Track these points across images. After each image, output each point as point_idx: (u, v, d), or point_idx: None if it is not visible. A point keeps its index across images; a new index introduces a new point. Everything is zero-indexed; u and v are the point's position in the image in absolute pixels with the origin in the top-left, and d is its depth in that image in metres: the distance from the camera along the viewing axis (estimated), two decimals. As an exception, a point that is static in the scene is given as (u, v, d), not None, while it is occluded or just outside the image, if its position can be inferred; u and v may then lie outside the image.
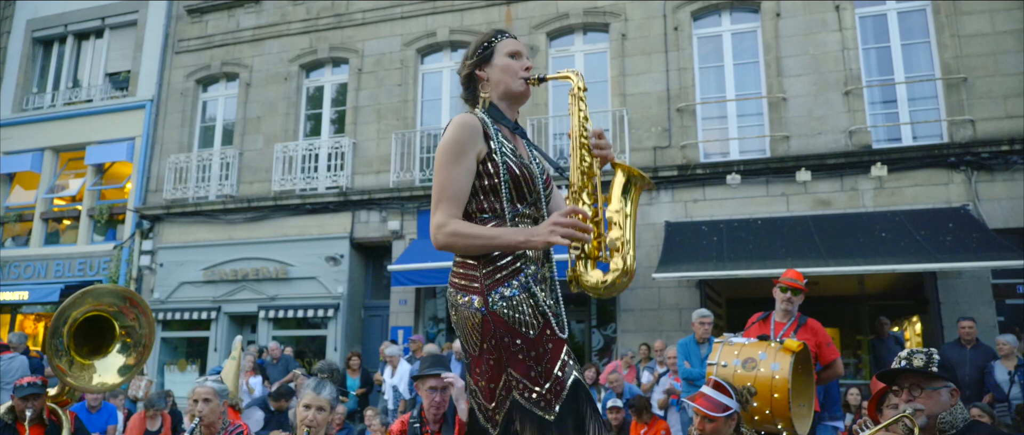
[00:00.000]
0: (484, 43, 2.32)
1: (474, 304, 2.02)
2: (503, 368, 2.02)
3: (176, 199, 13.44)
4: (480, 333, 2.02)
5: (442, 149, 2.09)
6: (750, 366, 3.72)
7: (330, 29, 13.39)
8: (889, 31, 10.61)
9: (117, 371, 3.64)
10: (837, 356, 4.72)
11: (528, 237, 1.99)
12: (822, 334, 4.71)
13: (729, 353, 3.85)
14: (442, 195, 2.05)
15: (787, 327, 4.68)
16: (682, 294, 10.23)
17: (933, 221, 9.22)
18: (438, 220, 2.03)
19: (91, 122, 14.70)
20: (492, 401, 2.05)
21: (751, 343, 3.91)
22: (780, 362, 3.66)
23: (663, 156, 10.92)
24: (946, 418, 2.69)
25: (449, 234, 2.02)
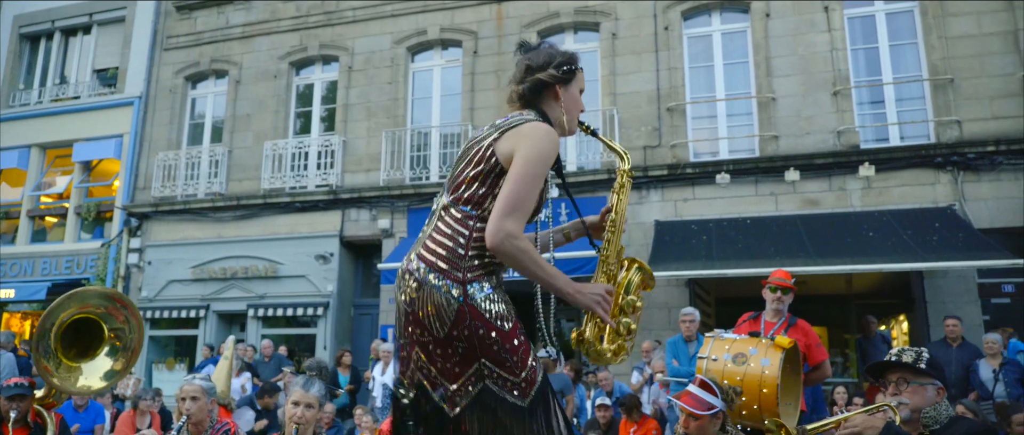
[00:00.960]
0: (572, 63, 2.29)
1: (453, 292, 2.03)
2: (475, 358, 2.04)
3: (164, 197, 13.36)
4: (452, 321, 2.03)
5: (537, 156, 2.05)
6: (740, 361, 3.76)
7: (320, 26, 13.35)
8: (877, 32, 10.69)
9: (102, 375, 3.60)
10: (826, 357, 4.77)
11: (575, 292, 2.12)
12: (812, 335, 4.76)
13: (720, 347, 3.90)
14: (521, 205, 2.03)
15: (777, 326, 4.72)
16: (672, 293, 10.28)
17: (920, 221, 9.30)
18: (511, 228, 2.00)
19: (78, 119, 14.59)
20: (455, 383, 2.07)
21: (742, 339, 3.96)
22: (770, 358, 3.70)
23: (653, 155, 10.95)
24: (930, 413, 2.76)
25: (518, 249, 2.02)
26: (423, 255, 2.11)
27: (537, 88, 2.26)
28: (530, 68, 2.28)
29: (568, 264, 9.68)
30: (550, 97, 2.27)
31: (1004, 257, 8.28)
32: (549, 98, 2.28)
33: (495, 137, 2.12)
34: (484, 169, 2.11)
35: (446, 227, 2.13)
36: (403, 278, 2.12)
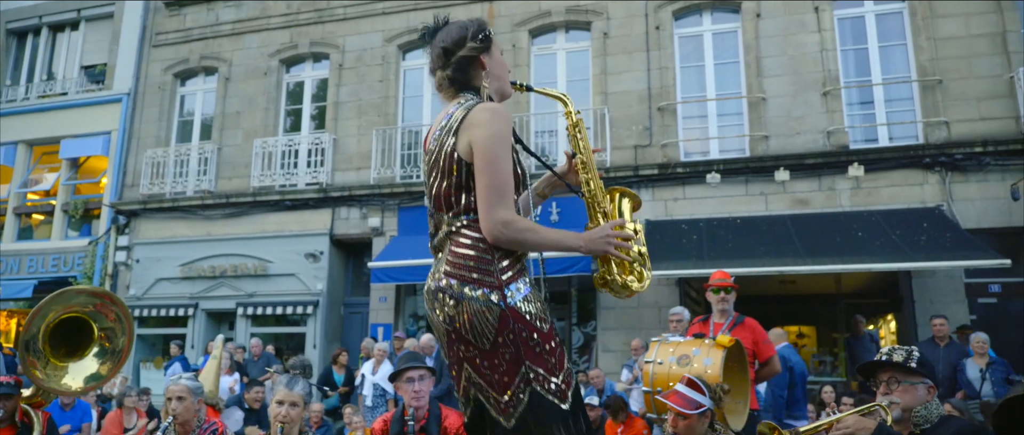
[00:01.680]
0: (484, 30, 2.27)
1: (492, 298, 2.00)
2: (520, 362, 2.01)
3: (153, 194, 13.27)
4: (496, 327, 2.00)
5: (494, 139, 2.04)
6: (684, 362, 3.84)
7: (311, 24, 13.29)
8: (867, 33, 10.74)
9: (85, 378, 3.55)
10: (773, 354, 4.85)
11: (587, 243, 2.11)
12: (759, 332, 4.85)
13: (665, 351, 3.98)
14: (503, 190, 2.03)
15: (725, 326, 4.82)
16: (662, 292, 10.30)
17: (908, 221, 9.36)
18: (504, 216, 2.00)
19: (66, 115, 14.47)
20: (505, 393, 2.03)
21: (686, 341, 4.05)
22: (712, 357, 3.79)
23: (644, 155, 10.97)
24: (921, 412, 2.77)
25: (520, 230, 2.02)
26: (451, 272, 2.07)
27: (463, 66, 2.24)
28: (447, 50, 2.25)
29: (561, 262, 9.70)
30: (478, 69, 2.25)
31: (991, 257, 8.34)
32: (477, 71, 2.25)
33: (453, 142, 2.10)
34: (459, 176, 2.10)
35: (464, 239, 2.10)
36: (436, 298, 2.08)
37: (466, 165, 2.08)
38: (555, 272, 9.97)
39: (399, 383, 3.84)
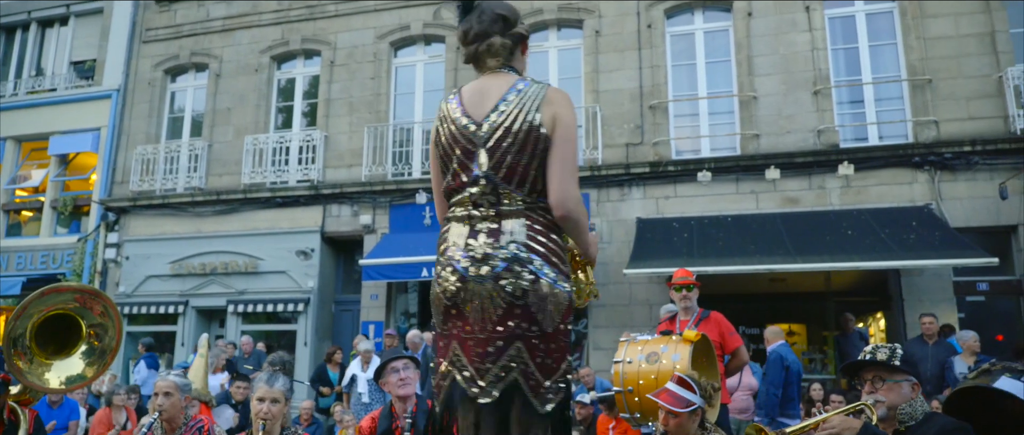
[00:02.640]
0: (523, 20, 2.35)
1: (565, 286, 2.11)
2: (568, 352, 2.13)
3: (143, 191, 13.20)
4: (562, 314, 2.10)
5: (573, 124, 2.17)
6: (653, 360, 3.87)
7: (302, 20, 13.23)
8: (857, 32, 10.79)
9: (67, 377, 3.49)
10: (740, 344, 4.99)
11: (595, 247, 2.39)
12: (725, 325, 5.00)
13: (633, 350, 4.01)
14: (576, 168, 2.16)
15: (691, 322, 4.97)
16: (653, 290, 10.32)
17: (897, 219, 9.41)
18: (578, 193, 2.14)
19: (55, 112, 14.37)
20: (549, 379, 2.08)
21: (654, 339, 4.09)
22: (680, 353, 3.83)
23: (635, 153, 10.99)
24: (906, 410, 2.79)
25: (583, 213, 2.18)
26: (534, 247, 2.09)
27: (516, 41, 2.28)
28: (507, 20, 2.26)
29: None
30: (521, 51, 2.30)
31: (979, 255, 8.40)
32: (520, 52, 2.30)
33: (538, 117, 2.13)
34: (536, 151, 2.12)
35: (543, 220, 2.14)
36: (512, 269, 2.06)
37: (546, 139, 2.12)
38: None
39: (385, 378, 3.83)
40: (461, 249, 2.13)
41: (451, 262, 2.14)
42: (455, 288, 2.12)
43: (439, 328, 2.21)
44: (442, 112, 2.27)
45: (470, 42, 2.27)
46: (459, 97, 2.26)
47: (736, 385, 6.61)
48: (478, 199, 2.15)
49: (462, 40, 2.30)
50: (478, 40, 2.25)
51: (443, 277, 2.16)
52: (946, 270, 9.43)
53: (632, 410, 3.91)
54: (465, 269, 2.11)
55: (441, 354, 2.20)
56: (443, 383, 2.16)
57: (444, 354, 2.17)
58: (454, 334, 2.15)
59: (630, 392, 3.87)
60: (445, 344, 2.17)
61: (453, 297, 2.13)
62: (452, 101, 2.26)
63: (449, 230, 2.20)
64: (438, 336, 2.22)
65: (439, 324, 2.21)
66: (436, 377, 2.21)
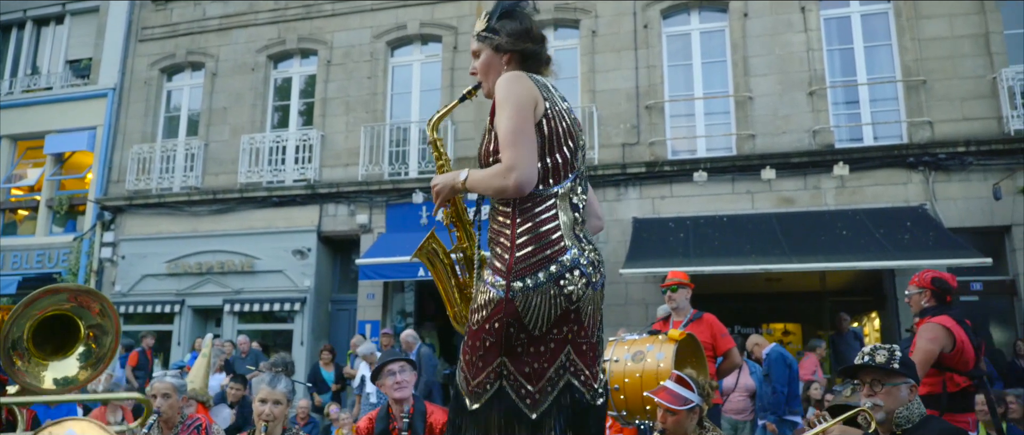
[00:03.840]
0: None
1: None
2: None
3: (139, 190, 13.18)
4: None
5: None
6: (638, 359, 3.93)
7: (299, 20, 13.23)
8: (853, 33, 10.83)
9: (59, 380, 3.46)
10: (732, 346, 4.99)
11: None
12: (717, 326, 5.00)
13: (621, 349, 4.06)
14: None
15: (683, 322, 4.97)
16: (649, 290, 10.34)
17: (892, 220, 9.45)
18: None
19: (51, 110, 14.33)
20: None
21: (641, 338, 4.13)
22: (664, 352, 3.88)
23: (632, 153, 11.01)
24: (903, 413, 2.79)
25: None
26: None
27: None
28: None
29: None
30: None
31: (973, 256, 8.45)
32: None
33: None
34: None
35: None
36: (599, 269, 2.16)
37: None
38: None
39: (381, 380, 3.85)
40: (581, 252, 2.10)
41: (578, 266, 2.08)
42: (582, 292, 2.08)
43: (539, 330, 2.04)
44: (549, 94, 2.21)
45: (539, 41, 2.31)
46: (558, 90, 2.30)
47: (733, 386, 6.66)
48: (573, 198, 2.16)
49: (537, 36, 2.32)
50: (544, 43, 2.34)
51: (570, 280, 2.05)
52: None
53: (619, 408, 3.97)
54: (590, 274, 2.10)
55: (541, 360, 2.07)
56: (549, 389, 2.06)
57: (549, 360, 2.06)
58: (569, 338, 2.08)
59: (616, 390, 3.92)
60: (551, 348, 2.07)
61: (578, 301, 2.08)
62: (556, 91, 2.27)
63: (558, 221, 2.10)
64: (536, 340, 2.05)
65: (543, 326, 2.04)
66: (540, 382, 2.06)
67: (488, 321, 2.05)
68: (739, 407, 7.34)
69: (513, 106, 2.06)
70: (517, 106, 2.06)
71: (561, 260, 2.04)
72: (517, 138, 2.02)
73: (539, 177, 2.08)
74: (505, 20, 2.30)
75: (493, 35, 2.29)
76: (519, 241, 2.07)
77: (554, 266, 2.03)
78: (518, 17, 2.30)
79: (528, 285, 2.02)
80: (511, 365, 2.04)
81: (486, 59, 2.32)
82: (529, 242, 2.06)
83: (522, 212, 2.09)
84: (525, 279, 2.02)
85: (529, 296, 2.01)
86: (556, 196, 2.11)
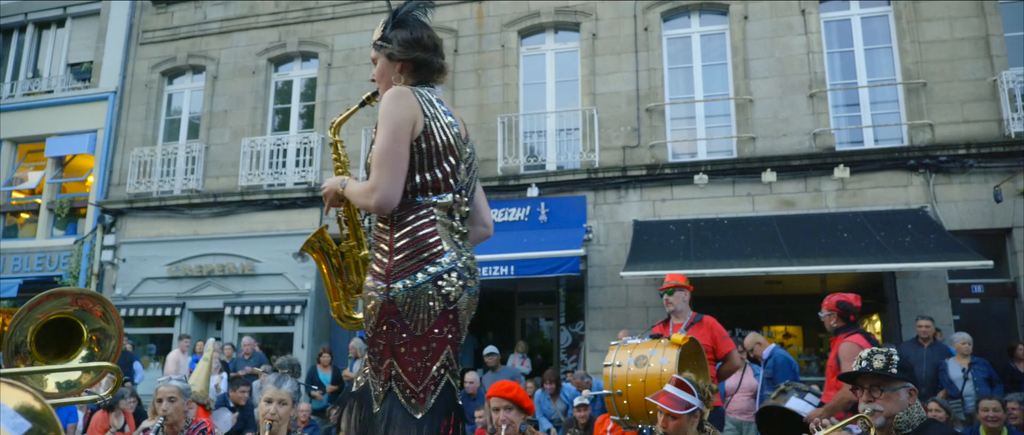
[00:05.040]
0: None
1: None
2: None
3: (140, 193, 13.19)
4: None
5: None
6: (641, 363, 3.92)
7: (299, 23, 13.24)
8: (853, 36, 10.84)
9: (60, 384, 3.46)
10: (732, 349, 5.00)
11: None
12: (717, 329, 5.00)
13: (623, 354, 4.06)
14: None
15: (683, 325, 4.96)
16: (649, 292, 10.34)
17: (892, 222, 9.45)
18: None
19: (52, 113, 14.34)
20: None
21: (643, 342, 4.13)
22: (667, 356, 3.88)
23: (632, 155, 11.02)
24: (903, 417, 2.78)
25: None
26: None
27: None
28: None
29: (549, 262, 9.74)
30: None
31: (974, 258, 8.44)
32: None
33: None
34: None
35: None
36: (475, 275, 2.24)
37: None
38: (543, 272, 10.01)
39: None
40: (459, 256, 2.19)
41: (456, 268, 2.16)
42: (460, 293, 2.16)
43: (421, 330, 2.11)
44: (432, 110, 2.25)
45: (439, 53, 2.38)
46: (443, 103, 2.33)
47: (736, 387, 6.66)
48: (453, 209, 2.24)
49: (428, 45, 2.36)
50: (443, 55, 2.41)
51: (448, 280, 2.14)
52: (941, 273, 9.48)
53: (622, 413, 3.97)
54: (467, 278, 2.19)
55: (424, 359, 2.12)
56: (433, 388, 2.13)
57: (432, 359, 2.13)
58: (449, 339, 2.15)
59: (619, 395, 3.92)
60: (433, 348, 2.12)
61: (455, 302, 2.15)
62: (441, 105, 2.30)
63: (435, 227, 2.18)
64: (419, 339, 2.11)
65: (425, 325, 2.11)
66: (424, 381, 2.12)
67: (377, 325, 2.13)
68: (743, 407, 7.33)
69: (389, 127, 2.13)
70: (393, 127, 2.13)
71: (439, 262, 2.13)
72: (384, 160, 2.11)
73: (417, 189, 2.17)
74: (397, 29, 2.35)
75: (386, 44, 2.36)
76: (397, 246, 2.15)
77: (432, 267, 2.12)
78: (410, 26, 2.35)
79: (407, 285, 2.10)
80: (398, 366, 2.11)
81: (381, 67, 2.38)
82: (406, 246, 2.14)
83: (399, 222, 2.18)
84: (404, 280, 2.10)
85: (408, 295, 2.10)
86: (434, 206, 2.19)
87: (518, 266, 9.99)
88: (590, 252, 10.69)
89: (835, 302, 5.07)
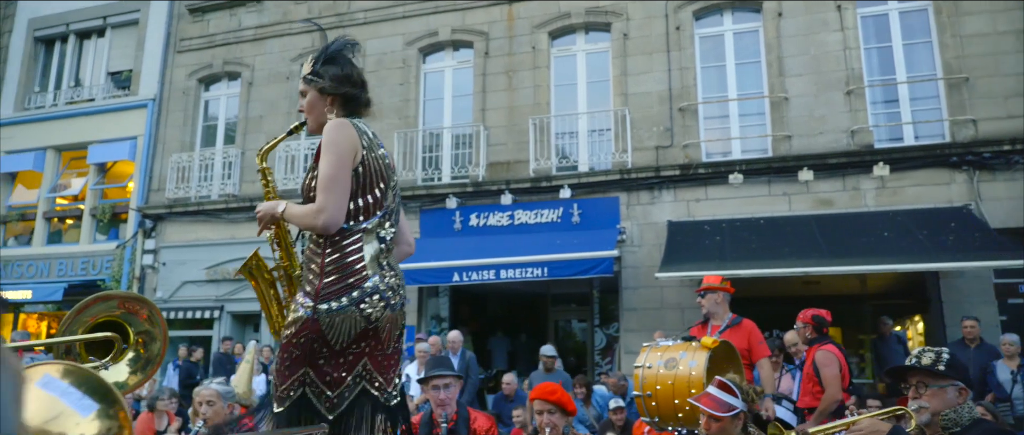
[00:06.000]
0: None
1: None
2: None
3: (178, 198, 13.46)
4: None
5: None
6: (671, 365, 3.88)
7: (331, 28, 13.38)
8: (891, 31, 10.62)
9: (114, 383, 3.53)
10: (765, 356, 4.98)
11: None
12: (754, 334, 4.96)
13: (654, 356, 4.02)
14: None
15: (722, 327, 4.92)
16: (685, 293, 10.25)
17: (935, 220, 9.25)
18: None
19: (93, 121, 14.71)
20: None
21: (674, 344, 4.08)
22: (697, 359, 3.81)
23: (665, 155, 10.94)
24: (950, 415, 2.75)
25: None
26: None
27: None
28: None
29: (582, 264, 9.72)
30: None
31: (1020, 257, 8.22)
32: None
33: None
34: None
35: None
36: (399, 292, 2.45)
37: None
38: (577, 273, 9.99)
39: (427, 388, 3.89)
40: (382, 279, 2.39)
41: (378, 291, 2.36)
42: (381, 313, 2.36)
43: (339, 345, 2.31)
44: (368, 141, 2.45)
45: (359, 86, 2.57)
46: (377, 137, 2.55)
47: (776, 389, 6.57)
48: (380, 232, 2.44)
49: (357, 81, 2.57)
50: (365, 88, 2.60)
51: (369, 303, 2.33)
52: (986, 272, 9.24)
53: (651, 414, 3.94)
54: (389, 297, 2.38)
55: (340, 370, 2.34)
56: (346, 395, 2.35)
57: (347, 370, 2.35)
58: (366, 351, 2.36)
59: (648, 397, 3.89)
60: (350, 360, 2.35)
61: (376, 321, 2.35)
62: (375, 138, 2.53)
63: (363, 253, 2.38)
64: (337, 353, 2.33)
65: (343, 342, 2.32)
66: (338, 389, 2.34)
67: (296, 336, 2.31)
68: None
69: (335, 154, 2.33)
70: (339, 154, 2.33)
71: (363, 287, 2.33)
72: (331, 185, 2.30)
73: (350, 214, 2.37)
74: (329, 65, 2.53)
75: (317, 78, 2.52)
76: (327, 269, 2.33)
77: (356, 292, 2.32)
78: (340, 63, 2.55)
79: (332, 308, 2.29)
80: (313, 374, 2.32)
81: (311, 99, 2.55)
82: (335, 271, 2.33)
83: (332, 244, 2.36)
84: (330, 302, 2.29)
85: (332, 317, 2.29)
86: (364, 231, 2.39)
87: (551, 267, 9.97)
88: (624, 253, 10.63)
89: (810, 316, 5.60)
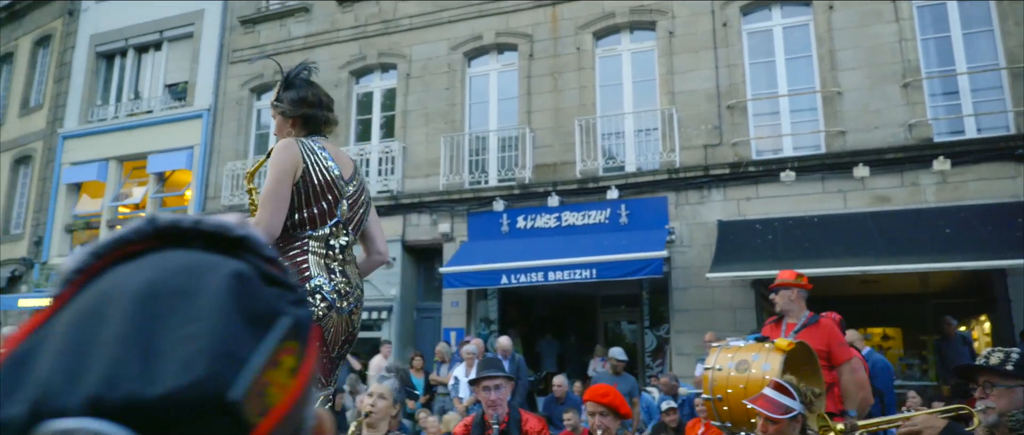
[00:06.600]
0: None
1: None
2: None
3: (234, 205, 13.81)
4: None
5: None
6: (743, 368, 3.75)
7: (378, 35, 13.58)
8: (949, 20, 10.26)
9: None
10: (849, 359, 4.42)
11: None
12: (834, 334, 4.49)
13: (724, 357, 3.89)
14: None
15: (798, 326, 4.53)
16: (736, 294, 10.08)
17: (1000, 216, 8.89)
18: None
19: (152, 132, 15.23)
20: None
21: (747, 345, 3.93)
22: (770, 362, 3.67)
23: (714, 154, 10.77)
24: (1018, 416, 2.68)
25: None
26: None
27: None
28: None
29: (631, 265, 9.64)
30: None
31: (1094, 253, 7.84)
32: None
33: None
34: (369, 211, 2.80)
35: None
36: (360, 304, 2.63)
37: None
38: (625, 275, 9.91)
39: (478, 389, 3.91)
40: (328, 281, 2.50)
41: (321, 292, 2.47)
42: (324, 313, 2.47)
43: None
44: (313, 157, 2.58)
45: (324, 107, 2.74)
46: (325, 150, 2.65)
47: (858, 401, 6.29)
48: (330, 239, 2.57)
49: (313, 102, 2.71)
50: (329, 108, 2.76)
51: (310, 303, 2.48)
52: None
53: (723, 419, 3.83)
54: (334, 300, 2.50)
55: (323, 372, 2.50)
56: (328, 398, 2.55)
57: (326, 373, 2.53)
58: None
59: (719, 400, 3.78)
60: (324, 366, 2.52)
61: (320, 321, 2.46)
62: (323, 152, 2.63)
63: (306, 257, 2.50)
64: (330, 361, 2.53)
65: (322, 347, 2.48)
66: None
67: None
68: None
69: (275, 173, 2.47)
70: (278, 173, 2.48)
71: (304, 287, 2.42)
72: (267, 200, 2.46)
73: (297, 224, 2.51)
74: (287, 91, 2.71)
75: (279, 104, 2.71)
76: None
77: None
78: (297, 87, 2.72)
79: None
80: None
81: (278, 123, 2.75)
82: None
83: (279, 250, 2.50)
84: None
85: None
86: (310, 239, 2.53)
87: (600, 269, 9.92)
88: (673, 254, 10.50)
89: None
